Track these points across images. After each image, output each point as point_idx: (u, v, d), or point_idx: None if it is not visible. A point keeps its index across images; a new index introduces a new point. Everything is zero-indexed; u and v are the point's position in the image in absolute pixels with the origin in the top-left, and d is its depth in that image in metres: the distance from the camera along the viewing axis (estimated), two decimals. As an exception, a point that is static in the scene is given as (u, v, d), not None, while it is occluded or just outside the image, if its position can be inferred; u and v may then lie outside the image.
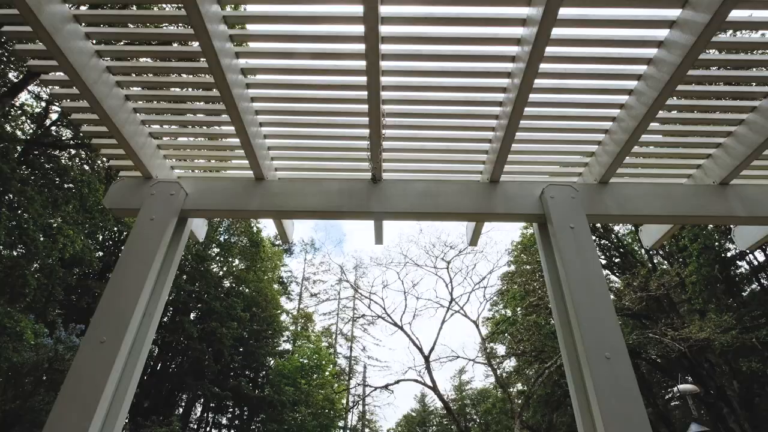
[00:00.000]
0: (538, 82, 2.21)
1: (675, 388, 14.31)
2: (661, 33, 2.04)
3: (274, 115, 2.56)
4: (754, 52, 2.64)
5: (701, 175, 2.72)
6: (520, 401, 20.98)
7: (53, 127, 14.17)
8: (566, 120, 2.53)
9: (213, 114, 2.72)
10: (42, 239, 11.75)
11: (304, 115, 2.56)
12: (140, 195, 2.56)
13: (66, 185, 12.89)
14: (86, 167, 13.69)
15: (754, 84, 2.40)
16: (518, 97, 2.12)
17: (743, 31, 12.01)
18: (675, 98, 2.45)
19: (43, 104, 14.08)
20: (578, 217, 2.36)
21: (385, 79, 2.27)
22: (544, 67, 2.16)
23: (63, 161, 13.22)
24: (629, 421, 1.72)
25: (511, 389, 23.31)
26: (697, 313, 16.89)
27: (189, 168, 3.00)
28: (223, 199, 2.62)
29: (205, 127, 2.73)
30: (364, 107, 2.34)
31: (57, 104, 12.73)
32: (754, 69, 2.44)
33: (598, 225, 19.65)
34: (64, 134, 14.18)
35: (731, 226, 3.10)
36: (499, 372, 22.63)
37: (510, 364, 24.24)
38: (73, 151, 13.65)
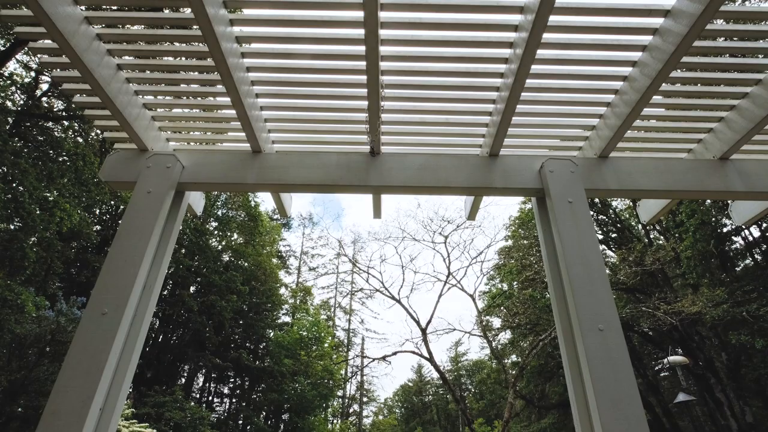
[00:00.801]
0: (541, 52, 2.17)
1: (665, 360, 14.71)
2: (669, 1, 1.98)
3: (270, 86, 2.50)
4: (763, 23, 2.57)
5: (701, 150, 2.69)
6: (514, 372, 21.55)
7: (44, 98, 13.88)
8: (568, 92, 2.49)
9: (208, 84, 2.66)
10: (38, 212, 11.70)
11: (302, 86, 2.50)
12: (136, 168, 2.53)
13: (60, 158, 12.75)
14: (80, 139, 13.50)
15: (760, 56, 2.35)
16: (520, 68, 2.07)
17: (752, 0, 11.70)
18: (679, 71, 2.40)
19: (33, 74, 13.73)
20: (577, 191, 2.35)
21: (384, 49, 2.21)
22: (546, 37, 2.11)
23: (56, 133, 13.02)
24: (620, 390, 1.77)
25: (506, 360, 23.94)
26: (690, 287, 17.14)
27: (185, 140, 2.95)
28: (220, 172, 2.59)
29: (200, 99, 2.67)
30: (363, 78, 2.28)
31: (47, 74, 12.41)
32: (761, 41, 2.38)
33: (597, 200, 19.68)
34: (55, 105, 13.90)
35: (728, 201, 3.11)
36: (494, 344, 23.17)
37: (505, 336, 24.78)
38: (66, 123, 13.42)
